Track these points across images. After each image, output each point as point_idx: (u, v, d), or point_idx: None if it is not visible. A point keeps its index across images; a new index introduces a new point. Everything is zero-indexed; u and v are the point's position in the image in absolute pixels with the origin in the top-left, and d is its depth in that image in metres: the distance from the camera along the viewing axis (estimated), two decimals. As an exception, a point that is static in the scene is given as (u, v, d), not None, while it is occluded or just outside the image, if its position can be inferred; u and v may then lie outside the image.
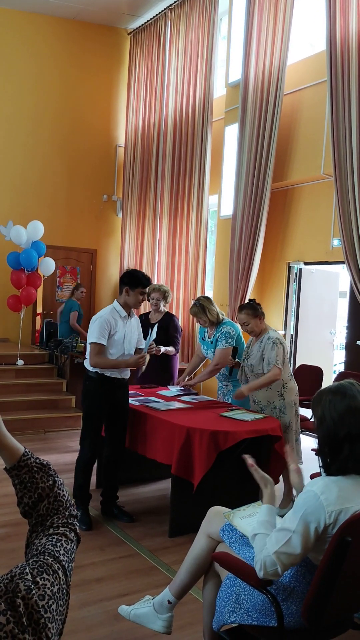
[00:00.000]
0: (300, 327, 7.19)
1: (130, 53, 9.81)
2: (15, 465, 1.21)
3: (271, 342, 4.19)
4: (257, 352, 4.29)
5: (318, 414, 1.97)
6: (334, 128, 5.63)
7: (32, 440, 6.18)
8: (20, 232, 7.43)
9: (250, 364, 4.35)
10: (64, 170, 9.56)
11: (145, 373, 5.25)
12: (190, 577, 2.41)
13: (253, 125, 6.79)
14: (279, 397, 4.27)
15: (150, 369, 5.23)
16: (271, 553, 1.84)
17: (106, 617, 2.80)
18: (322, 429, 1.94)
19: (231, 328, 4.61)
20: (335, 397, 1.93)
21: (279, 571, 1.84)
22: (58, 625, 0.99)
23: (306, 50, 7.04)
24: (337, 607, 1.92)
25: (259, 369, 4.27)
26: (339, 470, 1.90)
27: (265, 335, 4.28)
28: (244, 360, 4.45)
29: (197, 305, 4.62)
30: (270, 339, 4.23)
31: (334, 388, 1.97)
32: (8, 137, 9.04)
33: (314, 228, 6.70)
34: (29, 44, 9.10)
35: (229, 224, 7.26)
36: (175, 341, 5.24)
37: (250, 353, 4.39)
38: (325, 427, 1.93)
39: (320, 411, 1.96)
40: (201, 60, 7.91)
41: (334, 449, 1.91)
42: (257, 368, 4.28)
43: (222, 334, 4.59)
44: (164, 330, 5.19)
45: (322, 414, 1.94)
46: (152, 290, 5.28)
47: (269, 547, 1.86)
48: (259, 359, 4.26)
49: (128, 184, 9.58)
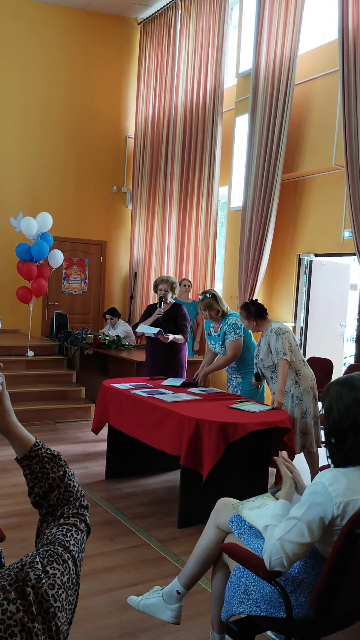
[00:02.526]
0: (310, 319, 7.16)
1: (141, 43, 9.76)
2: (27, 456, 1.21)
3: (274, 334, 4.26)
4: (263, 346, 4.37)
5: (326, 405, 1.99)
6: (346, 118, 5.57)
7: (42, 430, 6.21)
8: (31, 223, 7.43)
9: (260, 359, 4.42)
10: (73, 161, 9.55)
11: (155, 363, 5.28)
12: (199, 568, 2.42)
13: (264, 115, 6.74)
14: (294, 385, 4.29)
15: (160, 359, 5.26)
16: (276, 539, 1.85)
17: (115, 607, 2.82)
18: (328, 419, 1.96)
19: (236, 319, 4.65)
20: (342, 389, 1.94)
21: (284, 562, 1.84)
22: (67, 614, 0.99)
23: (318, 39, 6.96)
24: (345, 598, 1.92)
25: (268, 361, 4.33)
26: (343, 461, 1.91)
27: (269, 329, 4.35)
28: (256, 357, 4.52)
29: (208, 296, 4.64)
30: (272, 330, 4.29)
31: (342, 380, 1.99)
32: (18, 129, 9.03)
33: (324, 219, 6.66)
34: (39, 35, 9.06)
35: (239, 215, 7.22)
36: (185, 329, 5.28)
37: (259, 349, 4.46)
38: (332, 418, 1.94)
39: (327, 402, 1.98)
40: (212, 50, 7.86)
41: (339, 440, 1.92)
42: (267, 361, 4.34)
43: (230, 327, 4.62)
44: (172, 319, 5.23)
45: (330, 405, 1.96)
46: (160, 281, 5.32)
47: (275, 534, 1.87)
48: (266, 352, 4.32)
49: (138, 175, 9.56)
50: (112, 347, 6.99)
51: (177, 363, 5.35)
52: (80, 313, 9.81)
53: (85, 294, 9.94)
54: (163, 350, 5.24)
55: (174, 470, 4.74)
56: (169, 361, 5.27)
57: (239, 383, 4.81)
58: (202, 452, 3.60)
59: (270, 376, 4.43)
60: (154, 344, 5.30)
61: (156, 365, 5.31)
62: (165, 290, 5.27)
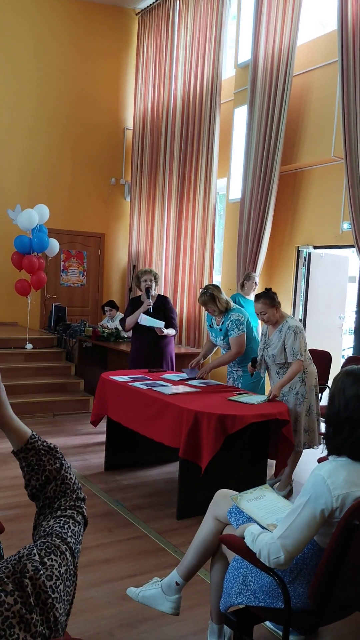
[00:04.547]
0: (308, 311, 7.15)
1: (138, 34, 9.69)
2: (23, 448, 1.21)
3: (292, 332, 4.14)
4: (277, 342, 4.22)
5: (330, 392, 2.03)
6: (345, 110, 5.55)
7: (41, 423, 6.22)
8: (32, 216, 7.38)
9: (271, 354, 4.28)
10: (71, 153, 9.51)
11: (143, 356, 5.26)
12: (197, 559, 2.43)
13: (262, 106, 6.71)
14: (300, 382, 4.24)
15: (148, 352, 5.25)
16: (276, 538, 1.85)
17: (114, 598, 2.83)
18: (330, 408, 1.99)
19: (240, 314, 4.59)
20: (347, 381, 1.96)
21: (282, 560, 1.84)
22: (65, 605, 0.99)
23: (317, 30, 6.92)
24: (343, 589, 1.93)
25: (280, 358, 4.23)
26: (335, 449, 1.94)
27: (285, 325, 4.22)
28: (264, 349, 4.40)
29: (206, 294, 4.56)
30: (290, 328, 4.17)
31: (350, 370, 2.00)
32: (15, 120, 8.98)
33: (323, 211, 6.64)
34: (34, 25, 8.99)
35: (237, 207, 7.20)
36: (174, 322, 5.29)
37: (269, 342, 4.32)
38: (333, 408, 1.97)
39: (332, 390, 2.01)
40: (210, 41, 7.80)
41: (335, 429, 1.95)
42: (279, 358, 4.23)
43: (233, 322, 4.56)
44: (161, 312, 5.21)
45: (333, 395, 1.99)
46: (143, 273, 5.31)
47: (275, 533, 1.88)
48: (280, 349, 4.20)
49: (136, 167, 9.52)
50: (110, 340, 7.00)
51: (166, 356, 5.35)
52: (79, 305, 9.81)
53: (83, 286, 9.94)
54: (152, 344, 5.22)
55: (173, 462, 4.76)
56: (158, 354, 5.27)
57: (239, 376, 4.80)
58: (200, 444, 3.61)
59: (277, 371, 4.35)
60: (141, 337, 5.27)
61: (144, 358, 5.28)
62: (150, 280, 5.26)
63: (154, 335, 5.18)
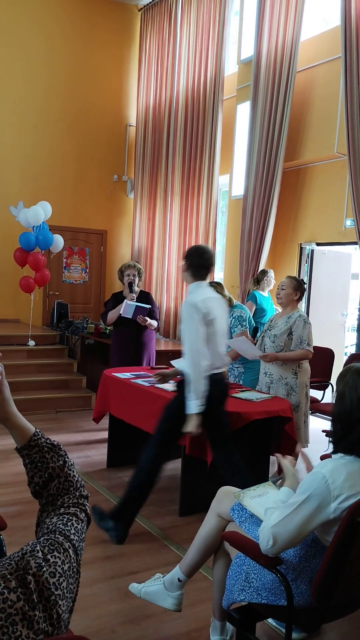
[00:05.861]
0: (311, 308, 7.14)
1: (141, 30, 9.67)
2: (26, 445, 1.21)
3: (302, 321, 4.23)
4: (283, 326, 4.29)
5: (339, 389, 1.97)
6: (348, 106, 5.53)
7: (44, 420, 6.22)
8: (37, 212, 7.36)
9: (273, 335, 4.32)
10: (73, 150, 9.49)
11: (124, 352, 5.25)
12: (200, 556, 2.43)
13: (265, 103, 6.69)
14: (292, 374, 4.27)
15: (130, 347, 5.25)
16: (269, 527, 1.86)
17: (117, 595, 2.83)
18: (339, 405, 1.95)
19: (242, 311, 4.62)
20: (359, 379, 1.93)
21: (270, 548, 1.85)
22: (68, 602, 0.99)
23: (320, 26, 6.89)
24: (346, 587, 1.93)
25: (281, 340, 4.27)
26: (346, 449, 1.91)
27: (296, 313, 4.31)
28: (266, 330, 4.43)
29: None
30: (301, 317, 4.27)
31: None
32: (17, 117, 8.96)
33: (326, 208, 6.62)
34: (38, 21, 8.97)
35: (240, 204, 7.19)
36: (155, 315, 5.30)
37: (274, 325, 4.37)
38: (343, 406, 1.93)
39: (342, 388, 1.96)
40: (213, 37, 7.78)
41: (346, 428, 1.92)
42: (280, 339, 4.27)
43: (236, 319, 4.59)
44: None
45: (343, 392, 1.95)
46: (127, 267, 5.32)
47: (271, 520, 1.88)
48: (284, 331, 4.26)
49: (139, 163, 9.50)
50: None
51: (147, 352, 5.36)
52: (81, 302, 9.80)
53: (86, 283, 9.93)
54: (133, 339, 5.23)
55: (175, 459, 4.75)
56: (139, 350, 5.27)
57: (240, 373, 4.80)
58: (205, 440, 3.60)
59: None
60: (123, 332, 5.27)
61: (125, 354, 5.27)
62: (133, 275, 5.27)
63: (136, 330, 5.18)
